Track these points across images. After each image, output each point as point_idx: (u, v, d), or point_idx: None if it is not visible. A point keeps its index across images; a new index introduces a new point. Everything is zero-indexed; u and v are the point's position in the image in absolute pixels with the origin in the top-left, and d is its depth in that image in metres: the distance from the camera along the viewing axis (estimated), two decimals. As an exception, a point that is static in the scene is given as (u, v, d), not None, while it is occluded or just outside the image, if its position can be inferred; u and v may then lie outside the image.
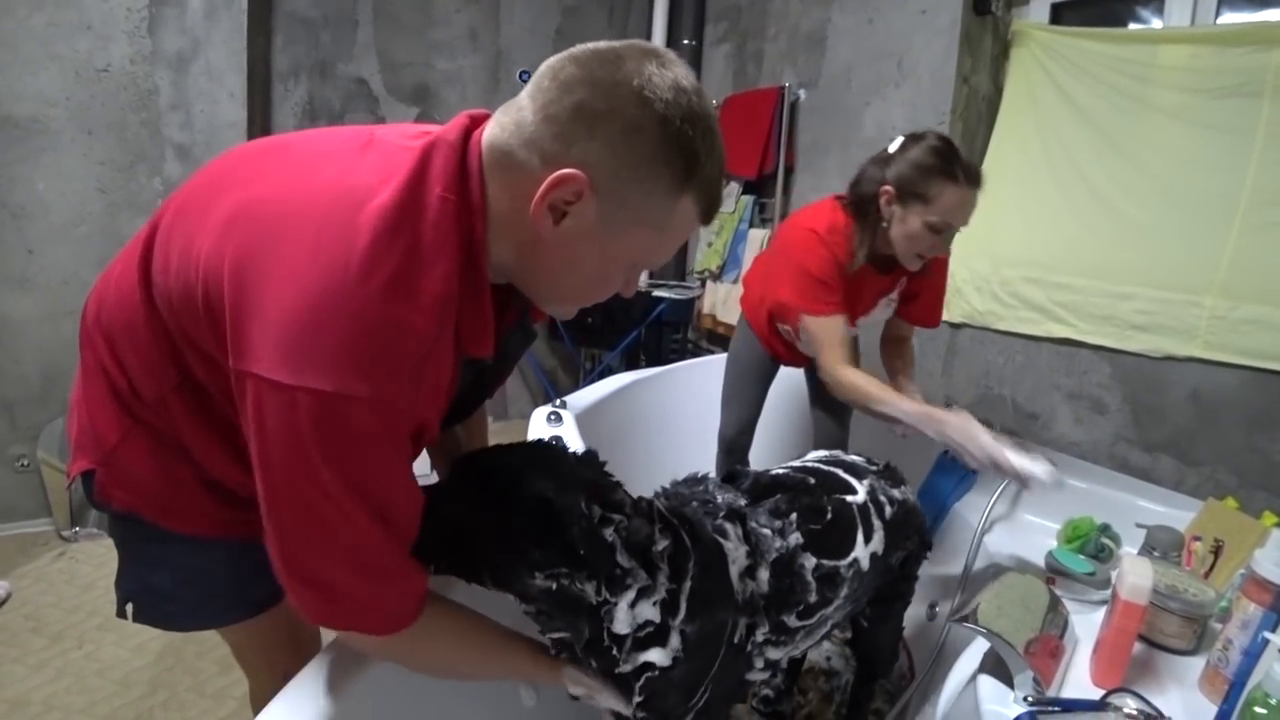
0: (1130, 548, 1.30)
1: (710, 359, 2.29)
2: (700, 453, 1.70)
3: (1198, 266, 1.59)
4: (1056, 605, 0.99)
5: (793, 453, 1.19)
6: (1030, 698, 0.82)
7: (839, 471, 1.04)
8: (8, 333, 2.11)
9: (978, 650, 0.95)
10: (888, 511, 1.01)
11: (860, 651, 1.29)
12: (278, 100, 2.68)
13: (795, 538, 0.87)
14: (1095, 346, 1.75)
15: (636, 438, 1.89)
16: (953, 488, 1.70)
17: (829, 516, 0.92)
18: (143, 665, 1.63)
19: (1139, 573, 0.89)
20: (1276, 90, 1.52)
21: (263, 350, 0.53)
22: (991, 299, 1.94)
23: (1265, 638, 0.82)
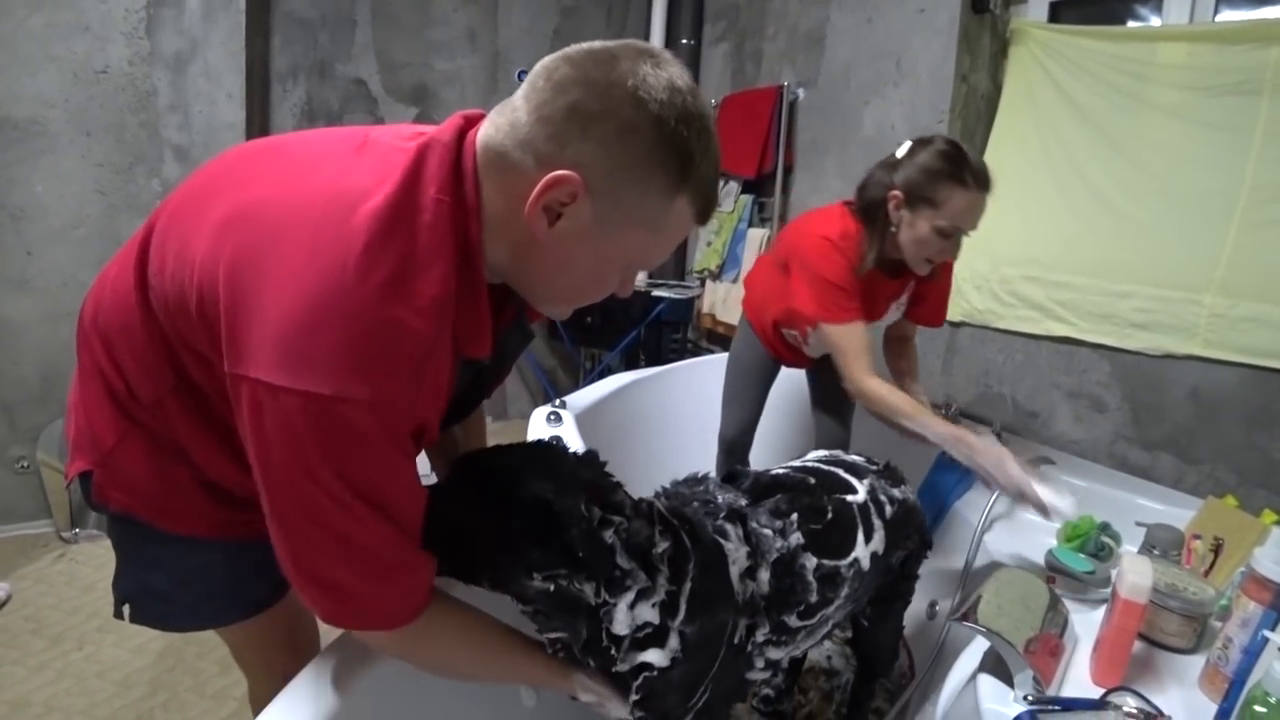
0: (1130, 546, 1.30)
1: (710, 358, 2.29)
2: (700, 453, 1.70)
3: (1197, 264, 1.59)
4: (1056, 604, 0.99)
5: (794, 454, 1.19)
6: (1030, 696, 0.82)
7: (839, 471, 1.04)
8: (7, 334, 2.10)
9: (978, 649, 0.95)
10: (888, 511, 1.01)
11: (861, 651, 1.29)
12: (276, 101, 2.68)
13: (796, 538, 0.87)
14: (1095, 345, 1.75)
15: (636, 438, 1.89)
16: (953, 486, 1.70)
17: (829, 516, 0.92)
18: (143, 666, 1.63)
19: (1139, 571, 0.89)
20: (1275, 88, 1.52)
21: (259, 354, 0.53)
22: (991, 297, 1.94)
23: (1265, 636, 0.82)
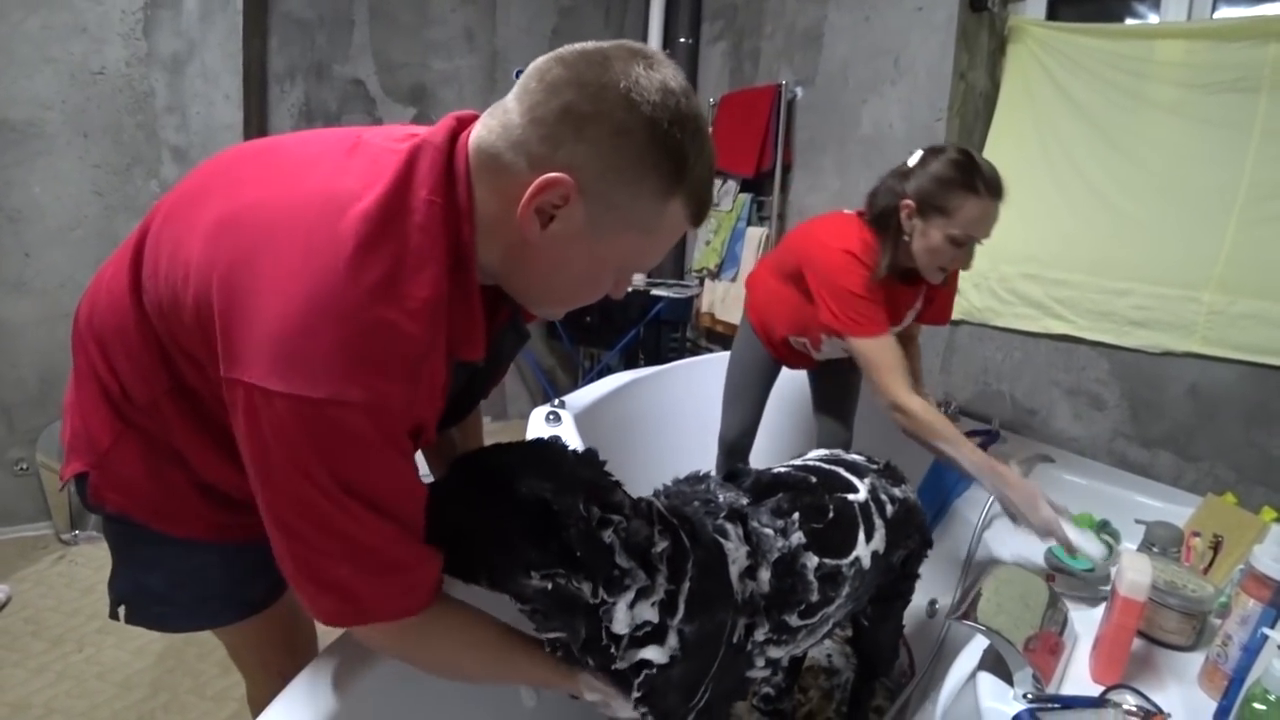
0: (1129, 544, 1.30)
1: (709, 357, 2.29)
2: (700, 452, 1.70)
3: (1195, 262, 1.59)
4: (1056, 602, 0.99)
5: (795, 455, 1.18)
6: (1030, 695, 0.82)
7: (840, 470, 1.04)
8: (5, 336, 2.10)
9: (978, 647, 0.95)
10: (889, 510, 1.01)
11: (861, 649, 1.29)
12: (274, 102, 2.67)
13: (797, 537, 0.87)
14: (1093, 342, 1.75)
15: (635, 437, 1.89)
16: (953, 484, 1.70)
17: (831, 515, 0.92)
18: (143, 668, 1.62)
19: (1138, 569, 0.89)
20: (1273, 85, 1.52)
21: (253, 357, 0.53)
22: (990, 295, 1.94)
23: (1264, 633, 0.82)
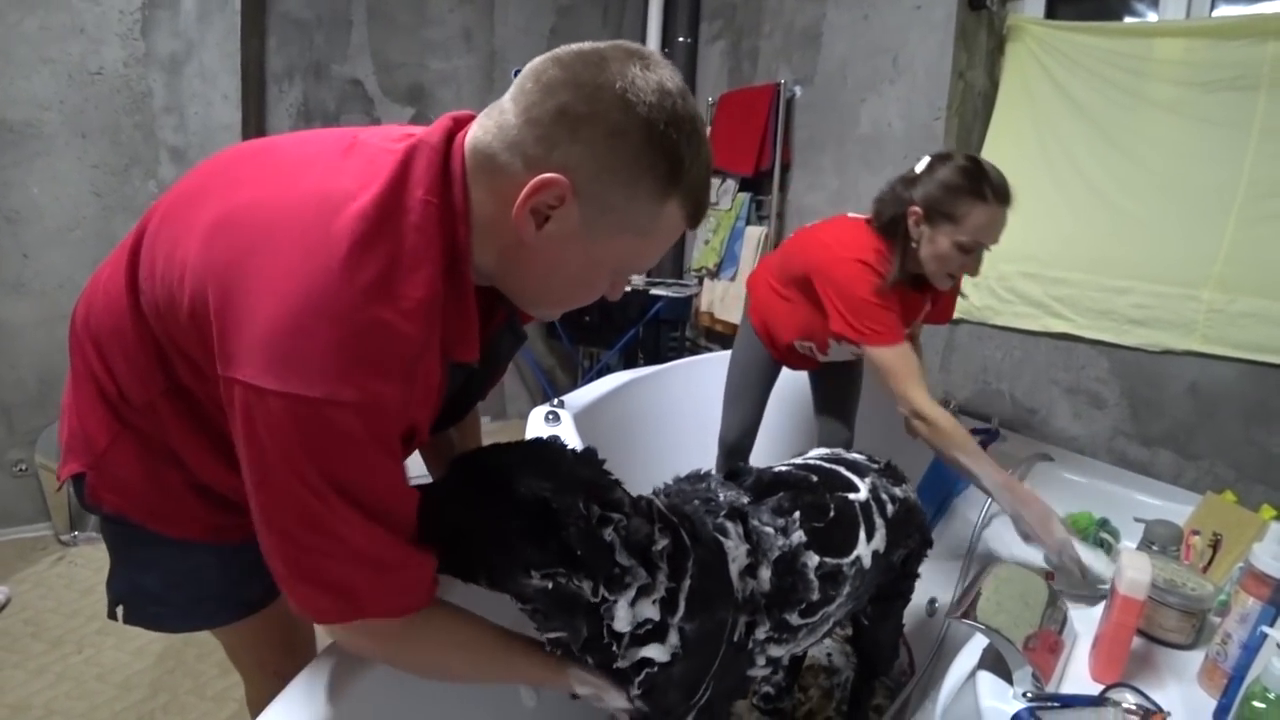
0: (1129, 542, 1.30)
1: (709, 356, 2.29)
2: (699, 451, 1.70)
3: (1195, 260, 1.59)
4: (1055, 601, 0.99)
5: (795, 454, 1.18)
6: (1029, 693, 0.82)
7: (841, 469, 1.04)
8: (4, 337, 2.10)
9: (977, 646, 0.94)
10: (889, 509, 1.01)
11: (861, 648, 1.29)
12: (272, 102, 2.67)
13: (798, 536, 0.87)
14: (1093, 341, 1.75)
15: (635, 436, 1.89)
16: (954, 483, 1.70)
17: (831, 514, 0.92)
18: (143, 669, 1.62)
19: (1137, 567, 0.88)
20: (1272, 83, 1.52)
21: (248, 356, 0.53)
22: (989, 294, 1.94)
23: (1264, 632, 0.82)
